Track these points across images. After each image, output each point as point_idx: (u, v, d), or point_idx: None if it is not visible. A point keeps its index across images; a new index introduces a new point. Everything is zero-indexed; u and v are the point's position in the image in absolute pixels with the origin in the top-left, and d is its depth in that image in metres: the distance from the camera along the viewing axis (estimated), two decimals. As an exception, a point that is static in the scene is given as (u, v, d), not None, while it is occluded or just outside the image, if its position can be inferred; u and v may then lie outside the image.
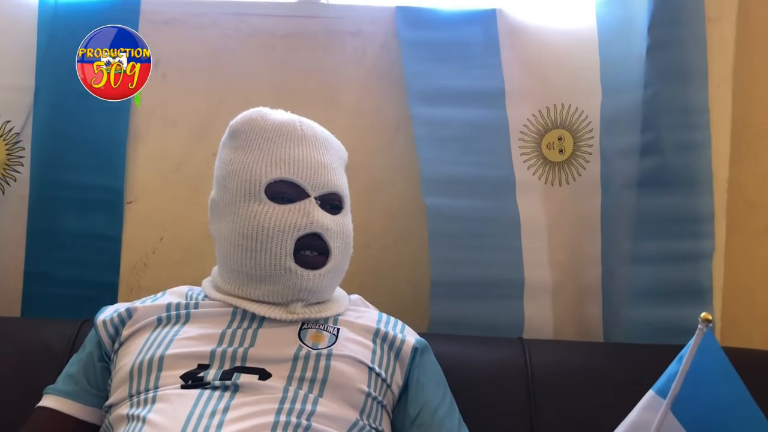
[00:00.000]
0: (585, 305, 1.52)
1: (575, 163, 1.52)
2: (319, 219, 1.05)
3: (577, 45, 1.49)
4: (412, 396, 1.09)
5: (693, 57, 1.43)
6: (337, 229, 1.08)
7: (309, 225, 1.04)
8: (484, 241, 1.47)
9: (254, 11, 1.57)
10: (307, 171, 1.07)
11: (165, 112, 1.56)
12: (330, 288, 1.11)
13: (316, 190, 1.07)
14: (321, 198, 1.08)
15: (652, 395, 0.92)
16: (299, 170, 1.07)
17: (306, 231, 1.04)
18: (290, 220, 1.04)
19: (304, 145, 1.09)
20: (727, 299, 1.48)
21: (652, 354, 1.27)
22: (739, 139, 1.49)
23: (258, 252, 1.04)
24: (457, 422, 1.09)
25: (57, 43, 1.48)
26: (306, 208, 1.05)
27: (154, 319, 1.08)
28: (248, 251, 1.05)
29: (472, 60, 1.51)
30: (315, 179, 1.07)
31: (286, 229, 1.03)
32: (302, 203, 1.05)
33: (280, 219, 1.04)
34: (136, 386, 1.00)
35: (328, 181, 1.08)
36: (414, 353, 1.11)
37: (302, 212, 1.04)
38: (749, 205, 1.52)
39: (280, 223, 1.03)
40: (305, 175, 1.07)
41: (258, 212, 1.05)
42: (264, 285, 1.06)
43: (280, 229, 1.03)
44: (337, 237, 1.08)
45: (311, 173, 1.07)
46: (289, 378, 0.99)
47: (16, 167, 1.53)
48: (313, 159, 1.08)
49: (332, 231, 1.07)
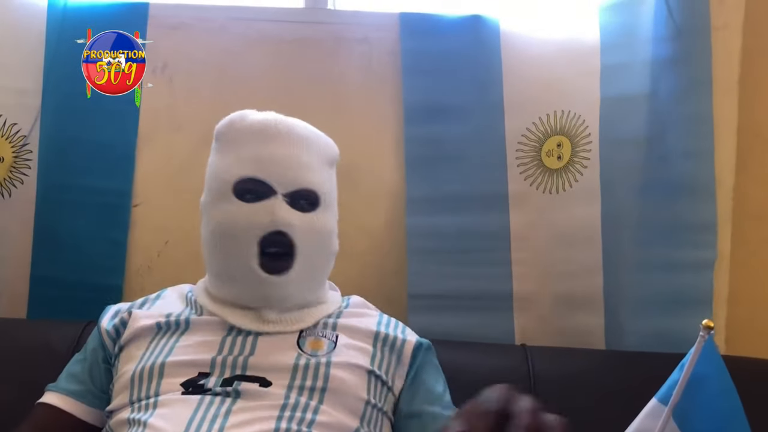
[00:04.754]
0: (583, 314, 1.51)
1: (572, 169, 1.52)
2: (283, 217, 1.03)
3: (578, 52, 1.49)
4: (408, 390, 1.09)
5: (698, 65, 1.43)
6: (306, 227, 1.05)
7: (272, 223, 1.02)
8: (471, 255, 1.49)
9: (261, 17, 1.58)
10: (275, 168, 1.05)
11: (171, 116, 1.57)
12: (304, 290, 1.09)
13: (284, 187, 1.05)
14: (290, 195, 1.05)
15: (654, 403, 0.92)
16: (266, 167, 1.05)
17: (269, 229, 1.02)
18: (254, 218, 1.02)
19: (275, 142, 1.07)
20: (732, 308, 1.48)
21: (654, 362, 1.26)
22: (745, 148, 1.48)
23: (226, 253, 1.05)
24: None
25: (65, 47, 1.49)
26: (270, 206, 1.03)
27: (153, 325, 1.08)
28: (219, 252, 1.06)
29: (473, 69, 1.51)
30: (283, 176, 1.05)
31: (250, 228, 1.02)
32: (267, 201, 1.03)
33: (244, 217, 1.03)
34: (137, 393, 1.00)
35: (298, 178, 1.06)
36: (416, 352, 1.11)
37: (266, 210, 1.03)
38: (755, 214, 1.51)
39: (244, 222, 1.03)
40: (272, 172, 1.05)
41: (225, 211, 1.05)
42: (235, 287, 1.07)
43: (243, 227, 1.03)
44: (306, 235, 1.05)
45: (279, 170, 1.05)
46: (289, 387, 0.99)
47: (23, 170, 1.54)
48: (283, 156, 1.06)
49: (299, 228, 1.04)
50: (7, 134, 1.52)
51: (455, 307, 1.48)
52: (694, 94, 1.42)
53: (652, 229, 1.42)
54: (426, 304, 1.48)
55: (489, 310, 1.50)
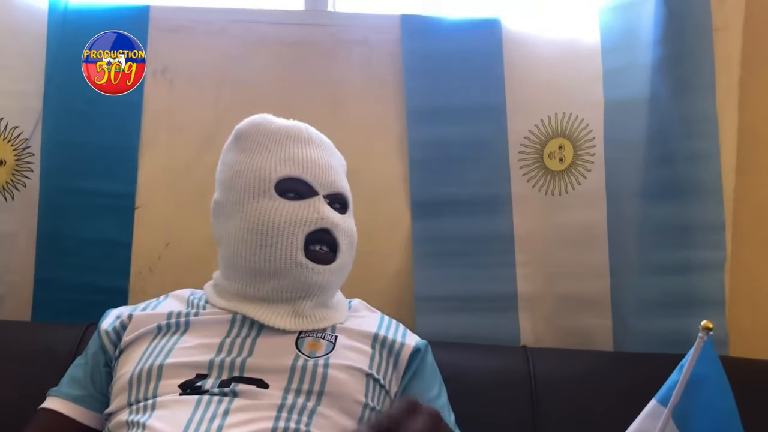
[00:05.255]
0: (589, 315, 1.51)
1: (575, 172, 1.52)
2: (328, 215, 1.07)
3: (579, 54, 1.49)
4: (404, 389, 1.09)
5: (700, 67, 1.42)
6: (345, 226, 1.10)
7: (319, 220, 1.06)
8: (476, 258, 1.50)
9: (262, 19, 1.58)
10: (316, 170, 1.09)
11: (172, 119, 1.57)
12: (336, 285, 1.12)
13: (324, 189, 1.09)
14: (328, 197, 1.10)
15: (654, 404, 0.92)
16: (308, 169, 1.09)
17: (316, 226, 1.06)
18: (301, 215, 1.05)
19: (311, 146, 1.12)
20: (734, 309, 1.47)
21: (655, 363, 1.25)
22: (746, 150, 1.48)
23: (268, 247, 1.05)
24: (451, 424, 1.08)
25: (66, 50, 1.49)
26: (316, 205, 1.07)
27: (153, 326, 1.08)
28: (258, 246, 1.06)
29: (475, 71, 1.52)
30: (323, 178, 1.09)
31: (297, 224, 1.05)
32: (312, 200, 1.07)
33: (290, 214, 1.05)
34: (135, 394, 1.00)
35: (334, 182, 1.11)
36: (413, 357, 1.11)
37: (312, 208, 1.06)
38: (756, 216, 1.51)
39: (290, 218, 1.05)
40: (314, 173, 1.09)
41: (268, 208, 1.06)
42: (273, 280, 1.06)
43: (290, 223, 1.05)
44: (344, 234, 1.09)
45: (319, 172, 1.09)
46: (286, 389, 0.99)
47: (25, 173, 1.54)
48: (320, 159, 1.11)
49: (341, 228, 1.09)
50: (9, 137, 1.53)
51: (461, 309, 1.49)
52: (697, 95, 1.42)
53: (658, 231, 1.42)
54: (432, 306, 1.48)
55: (494, 311, 1.50)
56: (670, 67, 1.40)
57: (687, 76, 1.42)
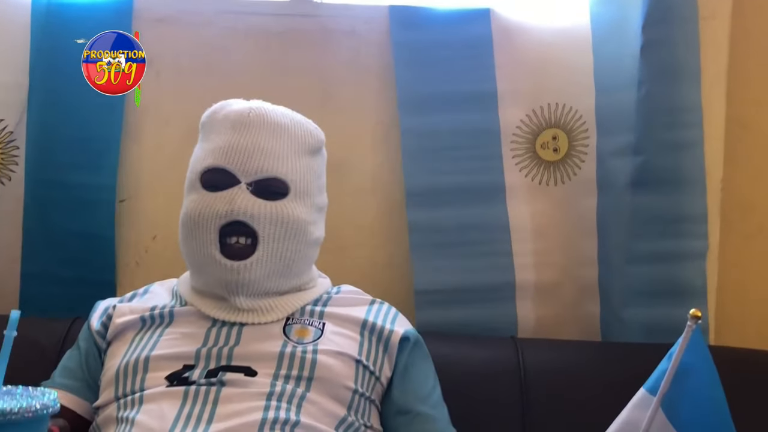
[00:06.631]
0: (581, 305, 1.52)
1: (570, 162, 1.52)
2: (241, 206, 1.03)
3: (570, 44, 1.50)
4: (397, 384, 1.08)
5: (686, 56, 1.42)
6: (271, 215, 1.04)
7: (230, 213, 1.02)
8: (472, 247, 1.49)
9: (249, 9, 1.57)
10: (239, 156, 1.05)
11: (159, 111, 1.55)
12: (274, 278, 1.07)
13: (248, 176, 1.05)
14: (255, 184, 1.05)
15: (642, 393, 0.91)
16: (230, 157, 1.05)
17: (227, 219, 1.03)
18: (213, 207, 1.03)
19: (243, 131, 1.07)
20: (722, 299, 1.48)
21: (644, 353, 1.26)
22: (734, 139, 1.49)
23: (191, 240, 1.06)
24: (445, 421, 1.08)
25: (50, 41, 1.48)
26: (231, 195, 1.03)
27: (137, 318, 1.08)
28: (184, 240, 1.08)
29: (466, 61, 1.51)
30: (248, 165, 1.05)
31: (209, 217, 1.03)
32: (228, 191, 1.04)
33: (205, 206, 1.04)
34: (122, 388, 1.00)
35: (264, 167, 1.05)
36: (403, 343, 1.10)
37: (226, 199, 1.03)
38: (743, 205, 1.52)
39: (204, 211, 1.04)
40: (236, 160, 1.05)
41: (192, 200, 1.06)
42: (202, 276, 1.07)
43: (204, 216, 1.04)
44: (270, 223, 1.04)
45: (244, 158, 1.05)
46: (275, 375, 0.99)
47: (10, 166, 1.53)
48: (249, 145, 1.06)
49: (261, 216, 1.03)
50: (-8, 130, 1.51)
51: (459, 300, 1.48)
52: (683, 84, 1.42)
53: (643, 220, 1.43)
54: (431, 299, 1.47)
55: (492, 301, 1.49)
56: (655, 56, 1.40)
57: (672, 65, 1.41)
